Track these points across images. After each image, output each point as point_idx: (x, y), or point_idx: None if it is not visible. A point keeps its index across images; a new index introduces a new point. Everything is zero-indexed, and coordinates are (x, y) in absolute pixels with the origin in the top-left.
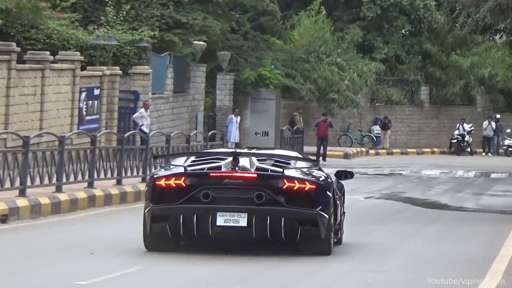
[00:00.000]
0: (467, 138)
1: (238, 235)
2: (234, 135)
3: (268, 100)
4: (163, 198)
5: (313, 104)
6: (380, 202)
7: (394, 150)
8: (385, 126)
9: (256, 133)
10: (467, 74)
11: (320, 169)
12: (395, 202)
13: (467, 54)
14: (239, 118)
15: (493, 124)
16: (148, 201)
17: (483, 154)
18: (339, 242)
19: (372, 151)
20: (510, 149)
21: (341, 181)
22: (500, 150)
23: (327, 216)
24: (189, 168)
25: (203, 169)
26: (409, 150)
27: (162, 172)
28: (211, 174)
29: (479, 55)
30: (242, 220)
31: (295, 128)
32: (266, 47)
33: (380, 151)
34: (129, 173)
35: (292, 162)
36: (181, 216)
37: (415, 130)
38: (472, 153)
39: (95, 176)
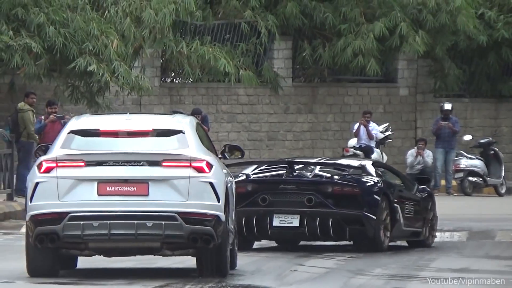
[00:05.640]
0: (376, 155)
1: (293, 234)
2: None
3: None
4: None
5: (39, 84)
6: None
7: None
8: None
9: None
10: (386, 8)
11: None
12: None
13: None
14: None
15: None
16: None
17: None
18: (423, 244)
19: None
20: (471, 178)
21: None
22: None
23: (374, 217)
24: (252, 176)
25: (265, 176)
26: None
27: None
28: (268, 180)
29: None
30: (295, 221)
31: (22, 135)
32: None
33: None
34: None
35: (347, 170)
36: (244, 218)
37: (263, 139)
38: None
39: None
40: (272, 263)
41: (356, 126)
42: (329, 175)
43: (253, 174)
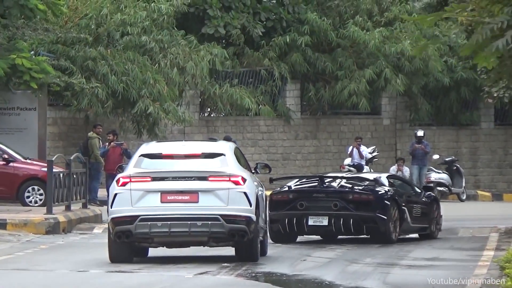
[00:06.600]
0: (366, 171)
1: (323, 231)
2: None
3: (25, 110)
4: (276, 207)
5: (106, 118)
6: (220, 281)
7: None
8: None
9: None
10: (373, 58)
11: (384, 184)
12: (247, 281)
13: (368, 26)
14: None
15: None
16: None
17: None
18: (430, 236)
19: None
20: (439, 188)
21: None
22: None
23: (385, 217)
24: (293, 187)
25: (303, 187)
26: None
27: (277, 190)
28: (304, 190)
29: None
30: (324, 221)
31: (91, 157)
32: (23, 15)
33: None
34: None
35: (364, 182)
36: (286, 219)
37: (279, 159)
38: None
39: None
40: (289, 253)
41: (350, 148)
42: (350, 186)
43: (294, 185)
